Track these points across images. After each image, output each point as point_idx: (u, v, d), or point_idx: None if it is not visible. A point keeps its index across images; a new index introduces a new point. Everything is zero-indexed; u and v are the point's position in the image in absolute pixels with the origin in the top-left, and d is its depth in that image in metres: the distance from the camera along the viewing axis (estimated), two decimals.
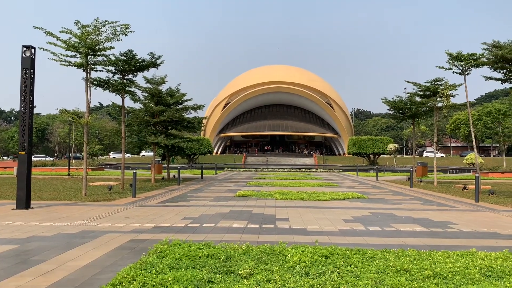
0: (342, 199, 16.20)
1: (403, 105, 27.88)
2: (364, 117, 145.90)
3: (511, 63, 16.29)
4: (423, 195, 18.66)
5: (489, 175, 34.86)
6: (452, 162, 61.90)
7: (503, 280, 5.16)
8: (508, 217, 11.70)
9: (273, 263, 5.86)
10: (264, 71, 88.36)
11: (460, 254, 6.53)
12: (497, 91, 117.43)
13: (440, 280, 5.16)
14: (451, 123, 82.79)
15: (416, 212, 12.61)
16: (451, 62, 20.34)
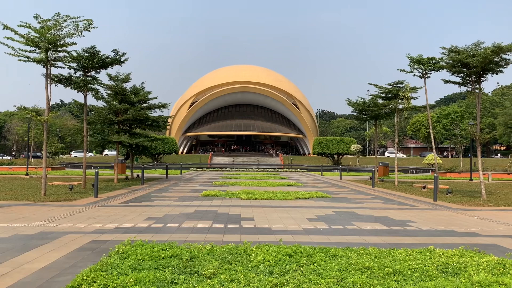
0: (307, 198, 16.39)
1: (366, 106, 28.56)
2: (328, 118, 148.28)
3: (468, 68, 16.96)
4: (385, 194, 19.16)
5: (447, 175, 36.18)
6: (412, 163, 63.87)
7: (458, 276, 5.36)
8: (465, 216, 12.18)
9: (237, 263, 5.86)
10: (231, 71, 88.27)
11: (419, 251, 6.74)
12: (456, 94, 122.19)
13: (400, 277, 5.30)
14: (411, 124, 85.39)
15: (377, 211, 12.92)
16: (412, 65, 21.01)
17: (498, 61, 16.64)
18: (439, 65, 19.83)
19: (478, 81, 17.30)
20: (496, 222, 10.91)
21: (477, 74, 17.02)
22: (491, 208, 14.07)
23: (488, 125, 74.15)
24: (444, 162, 53.51)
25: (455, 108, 77.04)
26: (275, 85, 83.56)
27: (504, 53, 16.24)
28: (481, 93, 17.67)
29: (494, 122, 75.28)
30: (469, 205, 14.77)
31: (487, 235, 8.94)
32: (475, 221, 11.10)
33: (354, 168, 53.65)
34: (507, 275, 5.37)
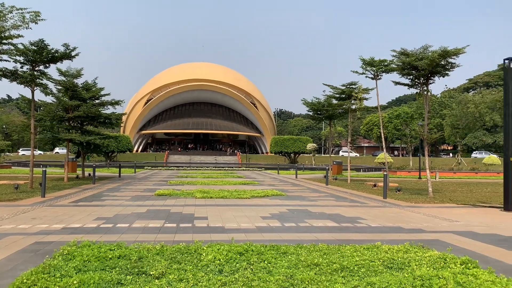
0: (262, 196, 16.49)
1: (321, 106, 29.15)
2: (286, 117, 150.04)
3: (416, 70, 17.63)
4: (337, 192, 19.61)
5: (397, 174, 37.54)
6: (365, 161, 65.81)
7: (402, 271, 5.56)
8: (412, 212, 12.67)
9: (187, 262, 5.80)
10: (188, 68, 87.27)
11: (366, 247, 6.94)
12: (406, 95, 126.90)
13: (347, 273, 5.43)
14: (364, 124, 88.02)
15: (329, 208, 13.20)
16: (364, 67, 21.60)
17: (444, 64, 17.40)
18: (390, 67, 20.51)
19: (426, 83, 18.03)
20: (440, 218, 11.43)
21: (425, 76, 17.74)
22: (437, 205, 14.72)
23: (437, 126, 77.60)
24: (395, 161, 55.48)
25: (405, 109, 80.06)
26: (233, 83, 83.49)
27: (450, 57, 17.01)
28: (429, 95, 18.45)
29: (442, 122, 78.88)
30: (416, 203, 15.38)
31: (431, 231, 9.34)
32: (421, 217, 11.58)
33: (309, 166, 54.56)
34: (447, 269, 5.63)
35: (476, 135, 72.90)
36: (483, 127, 73.47)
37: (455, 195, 18.46)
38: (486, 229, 9.74)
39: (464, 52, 16.67)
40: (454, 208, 14.12)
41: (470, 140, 73.02)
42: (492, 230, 9.61)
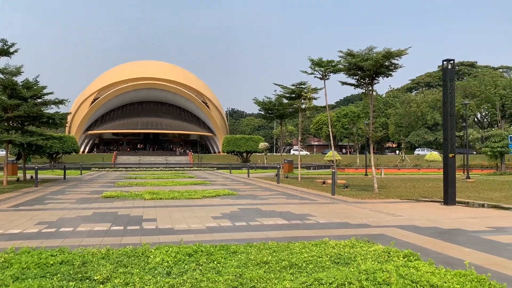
0: (213, 196, 16.40)
1: (272, 106, 29.44)
2: (238, 116, 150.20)
3: (362, 70, 18.23)
4: (288, 190, 19.88)
5: (345, 171, 38.68)
6: (315, 159, 67.24)
7: (349, 266, 5.71)
8: (358, 208, 13.08)
9: (134, 266, 5.64)
10: (137, 66, 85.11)
11: (314, 244, 7.07)
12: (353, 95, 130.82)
13: (295, 270, 5.50)
14: (314, 123, 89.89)
15: (280, 206, 13.36)
16: (313, 67, 22.05)
17: (388, 65, 18.10)
18: (337, 68, 21.06)
19: (371, 83, 18.68)
20: (385, 213, 11.87)
21: (370, 76, 18.37)
22: (382, 201, 15.29)
23: (382, 124, 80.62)
24: (343, 158, 57.10)
25: (352, 109, 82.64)
26: (184, 82, 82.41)
27: (393, 58, 17.72)
28: (374, 95, 19.14)
29: (387, 121, 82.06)
30: (363, 198, 15.90)
31: (376, 226, 9.68)
32: (367, 213, 11.98)
33: (262, 165, 54.93)
34: (390, 262, 5.84)
35: (419, 133, 76.48)
36: (424, 125, 77.19)
37: (399, 191, 19.25)
38: (427, 222, 10.23)
39: (406, 54, 17.42)
40: (398, 203, 14.72)
41: (413, 138, 76.48)
42: (432, 223, 10.10)
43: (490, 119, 78.26)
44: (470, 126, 71.70)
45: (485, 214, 11.79)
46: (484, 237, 8.27)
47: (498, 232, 8.81)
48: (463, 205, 13.98)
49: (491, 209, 13.15)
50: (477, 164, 46.01)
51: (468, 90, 75.58)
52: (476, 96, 73.82)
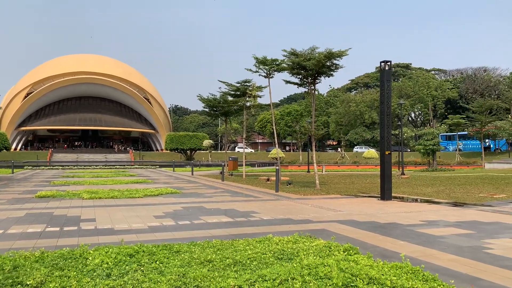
0: (156, 195, 16.05)
1: (216, 103, 29.34)
2: (182, 113, 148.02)
3: (305, 70, 18.62)
4: (233, 187, 19.90)
5: (288, 168, 39.39)
6: (260, 157, 67.90)
7: (291, 261, 5.79)
8: (301, 204, 13.35)
9: (71, 268, 5.37)
10: (75, 60, 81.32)
11: (258, 240, 7.11)
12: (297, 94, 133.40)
13: (240, 267, 5.50)
14: (259, 121, 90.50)
15: (225, 204, 13.33)
16: (258, 65, 22.22)
17: (329, 65, 18.63)
18: (281, 67, 21.36)
19: (313, 82, 19.13)
20: (326, 209, 12.21)
21: (313, 76, 18.81)
22: (323, 197, 15.72)
23: (323, 123, 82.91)
24: (286, 156, 58.12)
25: (295, 107, 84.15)
26: (125, 77, 79.93)
27: (335, 58, 18.26)
28: (316, 94, 19.62)
29: (328, 120, 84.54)
30: (305, 195, 16.25)
31: (318, 221, 9.92)
32: (309, 209, 12.26)
33: (206, 163, 54.60)
34: (331, 256, 6.00)
35: (357, 131, 79.48)
36: (363, 124, 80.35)
37: (339, 187, 19.90)
38: (366, 217, 10.65)
39: (346, 54, 18.01)
40: (338, 198, 15.21)
41: (352, 136, 79.38)
42: (370, 218, 10.53)
43: (423, 118, 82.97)
44: (404, 125, 75.62)
45: (418, 209, 12.47)
46: (418, 231, 8.74)
47: (430, 226, 9.34)
48: (398, 200, 14.71)
49: (424, 203, 13.93)
50: (411, 161, 48.62)
51: (403, 91, 79.62)
52: (411, 97, 77.94)
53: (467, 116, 56.26)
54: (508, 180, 21.83)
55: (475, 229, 8.85)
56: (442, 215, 10.91)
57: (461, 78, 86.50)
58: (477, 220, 10.01)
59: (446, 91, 79.09)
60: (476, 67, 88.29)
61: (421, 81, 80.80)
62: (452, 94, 78.71)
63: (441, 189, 18.46)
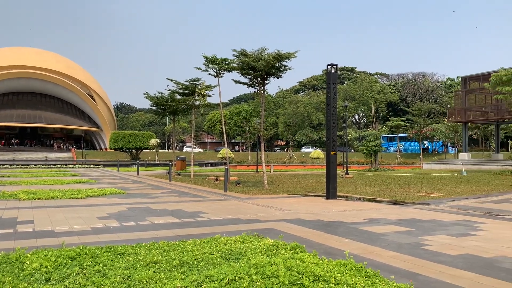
0: (99, 195, 15.49)
1: (164, 101, 28.80)
2: (128, 111, 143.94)
3: (254, 70, 18.74)
4: (180, 187, 19.64)
5: (237, 168, 39.48)
6: (208, 157, 67.54)
7: (239, 261, 5.81)
8: (249, 204, 13.42)
9: (6, 273, 5.06)
10: (12, 53, 76.69)
11: (206, 241, 7.07)
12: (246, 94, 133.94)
13: (186, 268, 5.44)
14: (208, 120, 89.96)
15: (172, 205, 13.12)
16: (207, 64, 22.08)
17: (278, 67, 18.89)
18: (231, 66, 21.37)
19: (263, 83, 19.31)
20: (274, 208, 12.36)
21: (262, 77, 18.98)
22: (271, 196, 15.90)
23: (272, 123, 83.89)
24: (235, 156, 58.25)
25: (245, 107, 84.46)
26: (67, 72, 76.53)
27: (283, 60, 18.53)
28: (265, 94, 19.80)
29: (276, 120, 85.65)
30: (254, 194, 16.36)
31: (266, 221, 10.02)
32: (258, 208, 12.35)
33: (153, 163, 53.48)
34: (278, 255, 6.08)
35: (305, 132, 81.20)
36: (310, 125, 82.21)
37: (286, 186, 20.21)
38: (312, 216, 10.89)
39: (295, 57, 18.34)
40: (286, 198, 15.45)
41: (299, 136, 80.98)
42: (316, 216, 10.78)
43: (366, 120, 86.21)
44: (349, 127, 78.14)
45: (361, 207, 12.93)
46: (361, 228, 9.06)
47: (372, 223, 9.72)
48: (342, 199, 15.17)
49: (367, 202, 14.48)
50: (355, 161, 50.33)
51: (348, 93, 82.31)
52: (355, 99, 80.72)
53: (407, 118, 59.10)
54: (444, 180, 23.16)
55: (414, 226, 9.31)
56: (383, 214, 11.39)
57: (402, 83, 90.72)
58: (416, 218, 10.54)
59: (388, 95, 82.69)
60: (416, 72, 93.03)
61: (365, 85, 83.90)
62: (393, 98, 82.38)
63: (382, 188, 19.25)
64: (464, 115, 38.14)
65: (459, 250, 6.97)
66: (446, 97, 73.61)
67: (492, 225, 9.44)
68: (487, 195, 16.09)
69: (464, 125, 39.72)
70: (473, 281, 5.24)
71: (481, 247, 7.15)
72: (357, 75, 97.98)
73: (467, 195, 16.14)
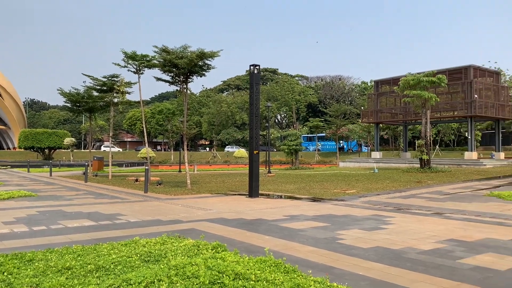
0: (6, 198, 14.29)
1: (80, 98, 27.32)
2: (39, 108, 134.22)
3: (177, 68, 18.41)
4: (97, 189, 18.74)
5: (159, 168, 38.56)
6: (128, 156, 65.19)
7: (159, 263, 5.66)
8: (171, 204, 13.17)
9: None
10: None
11: (124, 244, 6.81)
12: (169, 92, 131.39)
13: (103, 273, 5.20)
14: (127, 119, 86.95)
15: (87, 207, 12.47)
16: (126, 60, 21.29)
17: (202, 65, 18.75)
18: (152, 63, 20.78)
19: (185, 81, 19.04)
20: (196, 208, 12.25)
21: (185, 75, 18.71)
22: (194, 196, 15.75)
23: (196, 122, 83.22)
24: (157, 155, 56.86)
25: (167, 105, 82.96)
26: None
27: (207, 59, 18.43)
28: (188, 93, 19.56)
29: (200, 120, 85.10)
30: (176, 195, 16.09)
31: (188, 221, 9.90)
32: (179, 208, 12.17)
33: (67, 163, 50.44)
34: (199, 255, 6.03)
35: (229, 131, 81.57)
36: (234, 124, 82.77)
37: (210, 186, 20.15)
38: (234, 214, 10.96)
39: (218, 56, 18.31)
40: (209, 197, 15.40)
41: (223, 135, 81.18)
42: (239, 215, 10.87)
43: (288, 120, 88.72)
44: (272, 126, 79.92)
45: (282, 204, 13.28)
46: (281, 225, 9.29)
47: (292, 220, 10.02)
48: (265, 197, 15.47)
49: (287, 199, 14.91)
50: (277, 160, 51.56)
51: (271, 94, 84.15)
52: (278, 100, 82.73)
53: (325, 119, 61.81)
54: (358, 177, 24.54)
55: (330, 221, 9.76)
56: (302, 210, 11.79)
57: (321, 85, 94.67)
58: (332, 214, 11.05)
59: (308, 96, 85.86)
60: (333, 75, 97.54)
61: (287, 86, 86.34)
62: (313, 99, 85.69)
63: (302, 186, 19.93)
64: (376, 116, 40.70)
65: (370, 243, 7.42)
66: (360, 99, 78.07)
67: (401, 219, 10.19)
68: (396, 191, 17.33)
69: (376, 125, 42.41)
70: (383, 272, 5.61)
71: (391, 240, 7.68)
72: (279, 76, 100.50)
73: (379, 191, 17.25)
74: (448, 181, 20.50)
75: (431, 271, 5.60)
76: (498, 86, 35.97)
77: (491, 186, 17.87)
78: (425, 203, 13.10)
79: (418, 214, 10.91)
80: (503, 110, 34.99)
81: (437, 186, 18.68)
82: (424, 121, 27.32)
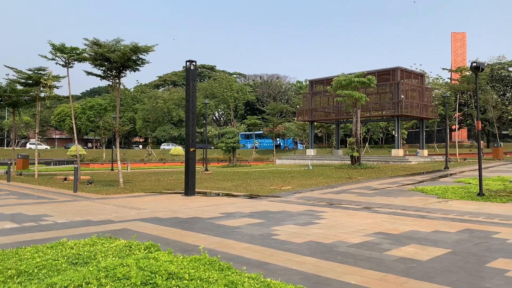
0: None
1: (2, 92, 25.39)
2: None
3: (109, 62, 17.72)
4: (22, 189, 17.59)
5: (90, 166, 36.96)
6: (56, 154, 61.78)
7: (88, 265, 5.42)
8: (102, 204, 12.66)
9: None
10: None
11: (50, 246, 6.44)
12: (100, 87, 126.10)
13: (25, 278, 4.87)
14: (56, 114, 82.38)
15: (10, 208, 11.66)
16: (54, 53, 20.13)
17: (136, 60, 18.19)
18: (82, 56, 19.79)
19: (118, 76, 18.38)
20: (129, 207, 11.88)
21: (118, 69, 18.06)
22: (127, 195, 15.26)
23: (130, 119, 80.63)
24: (88, 153, 54.36)
25: (99, 101, 79.67)
26: None
27: (141, 53, 17.91)
28: (121, 88, 18.89)
29: (135, 116, 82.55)
30: (107, 194, 15.50)
31: (120, 221, 9.57)
32: (111, 208, 11.73)
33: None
34: (131, 256, 5.84)
35: (165, 129, 79.93)
36: (170, 121, 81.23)
37: (144, 184, 19.63)
38: (169, 213, 10.76)
39: (153, 50, 17.88)
40: (143, 196, 15.00)
41: (159, 133, 79.39)
42: (174, 214, 10.69)
43: (226, 118, 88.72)
44: (209, 124, 79.46)
45: (219, 202, 13.25)
46: (217, 223, 9.27)
47: (228, 217, 10.02)
48: (201, 195, 15.35)
49: (224, 197, 14.90)
50: (214, 158, 51.43)
51: (209, 91, 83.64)
52: (216, 97, 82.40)
53: (262, 117, 62.51)
54: (293, 174, 25.10)
55: (266, 218, 9.89)
56: (238, 207, 11.85)
57: (258, 83, 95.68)
58: (268, 210, 11.21)
59: (246, 94, 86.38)
60: (270, 74, 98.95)
61: (225, 84, 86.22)
62: (251, 97, 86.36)
63: (239, 183, 20.02)
64: (310, 115, 41.89)
65: (304, 238, 7.62)
66: (296, 98, 79.87)
67: (332, 214, 10.56)
68: (329, 186, 17.95)
69: (310, 124, 43.65)
70: (315, 265, 5.78)
71: (323, 234, 7.94)
72: (217, 73, 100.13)
73: (312, 187, 17.77)
74: (376, 177, 21.58)
75: (360, 263, 5.86)
76: (422, 87, 38.47)
77: (416, 181, 19.07)
78: (355, 198, 13.69)
79: (348, 209, 11.37)
80: (426, 110, 37.48)
81: (366, 181, 19.59)
82: (355, 120, 28.54)
